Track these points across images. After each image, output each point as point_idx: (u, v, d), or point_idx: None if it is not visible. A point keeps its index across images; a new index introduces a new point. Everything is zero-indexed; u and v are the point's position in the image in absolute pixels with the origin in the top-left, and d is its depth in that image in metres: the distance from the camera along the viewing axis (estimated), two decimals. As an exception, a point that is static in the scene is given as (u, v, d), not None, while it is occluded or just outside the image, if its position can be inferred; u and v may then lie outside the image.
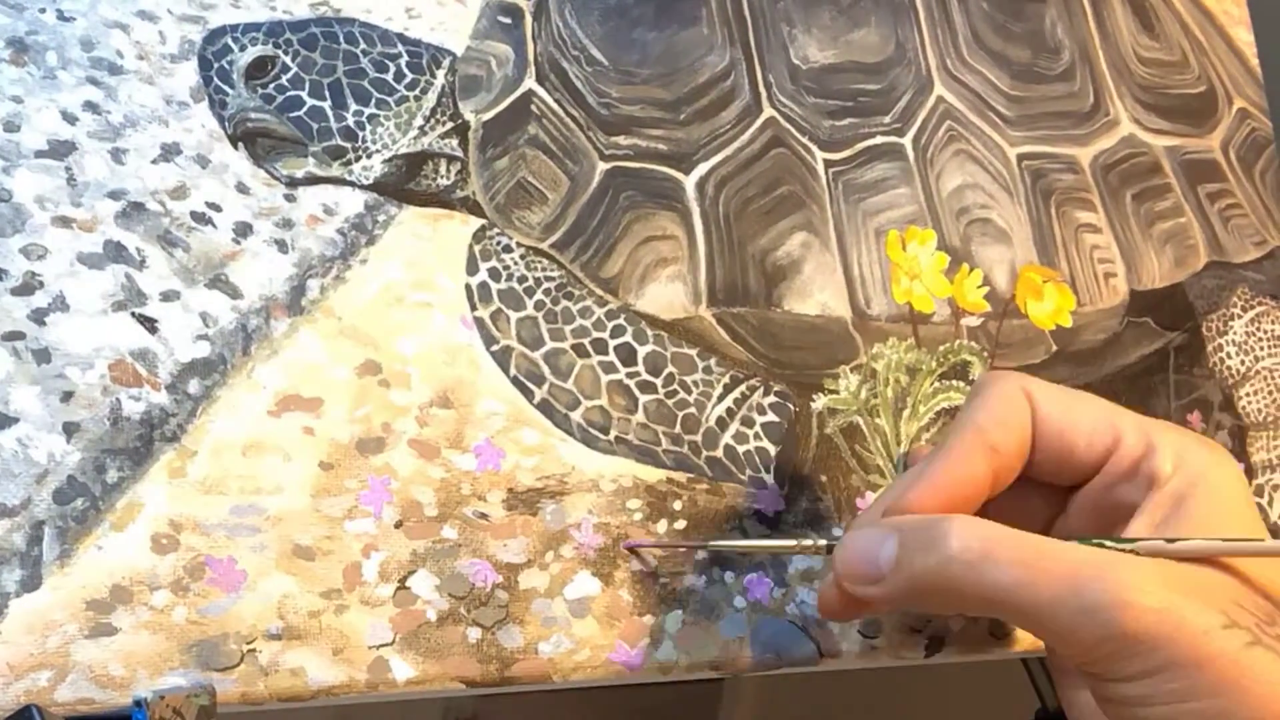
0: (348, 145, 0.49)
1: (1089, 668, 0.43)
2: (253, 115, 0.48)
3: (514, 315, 0.50)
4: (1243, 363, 0.66)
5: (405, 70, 0.51)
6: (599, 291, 0.52)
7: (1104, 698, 0.43)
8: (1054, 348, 0.60)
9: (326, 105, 0.49)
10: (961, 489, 0.45)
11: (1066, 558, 0.42)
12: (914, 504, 0.45)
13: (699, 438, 0.52)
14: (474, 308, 0.50)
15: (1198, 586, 0.41)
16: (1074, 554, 0.42)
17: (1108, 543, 0.43)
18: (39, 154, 0.44)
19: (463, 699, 0.70)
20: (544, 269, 0.51)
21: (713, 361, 0.53)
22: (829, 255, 0.57)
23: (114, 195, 0.45)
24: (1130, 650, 0.41)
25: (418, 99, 0.51)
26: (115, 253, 0.45)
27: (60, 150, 0.45)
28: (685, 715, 0.74)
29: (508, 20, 0.54)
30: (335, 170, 0.49)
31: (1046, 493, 0.48)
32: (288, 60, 0.49)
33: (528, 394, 0.50)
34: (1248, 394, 0.66)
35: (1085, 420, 0.46)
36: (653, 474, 0.51)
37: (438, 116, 0.51)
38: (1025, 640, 0.56)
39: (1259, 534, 0.44)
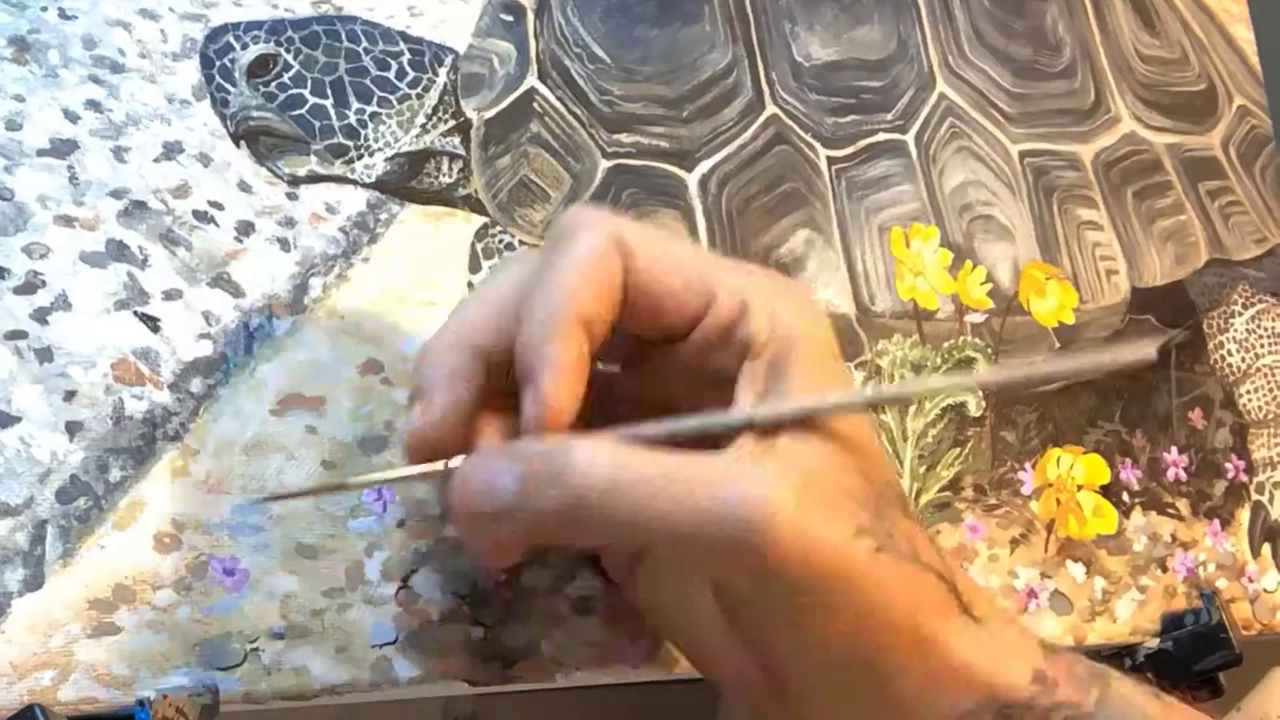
0: (350, 143, 0.49)
1: (728, 588, 0.42)
2: (255, 113, 0.48)
3: (516, 313, 0.50)
4: (1243, 360, 0.66)
5: (407, 68, 0.51)
6: (600, 290, 0.52)
7: (733, 611, 0.42)
8: (1057, 344, 0.60)
9: (328, 103, 0.49)
10: (575, 381, 0.40)
11: (706, 480, 0.39)
12: (554, 420, 0.40)
13: (701, 436, 0.52)
14: (476, 306, 0.50)
15: (821, 490, 0.40)
16: (708, 474, 0.39)
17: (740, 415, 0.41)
18: (41, 152, 0.44)
19: (464, 698, 0.70)
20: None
21: (715, 359, 0.53)
22: (832, 252, 0.56)
23: (116, 194, 0.45)
24: (772, 574, 0.39)
25: (420, 97, 0.51)
26: (117, 251, 0.45)
27: (62, 149, 0.45)
28: (686, 714, 0.74)
29: (510, 18, 0.53)
30: (337, 168, 0.49)
31: (629, 341, 0.44)
32: (290, 58, 0.49)
33: (529, 393, 0.50)
34: (1248, 391, 0.66)
35: (677, 277, 0.42)
36: (655, 472, 0.51)
37: (440, 114, 0.51)
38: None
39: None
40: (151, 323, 0.44)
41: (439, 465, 0.42)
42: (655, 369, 0.44)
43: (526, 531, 0.41)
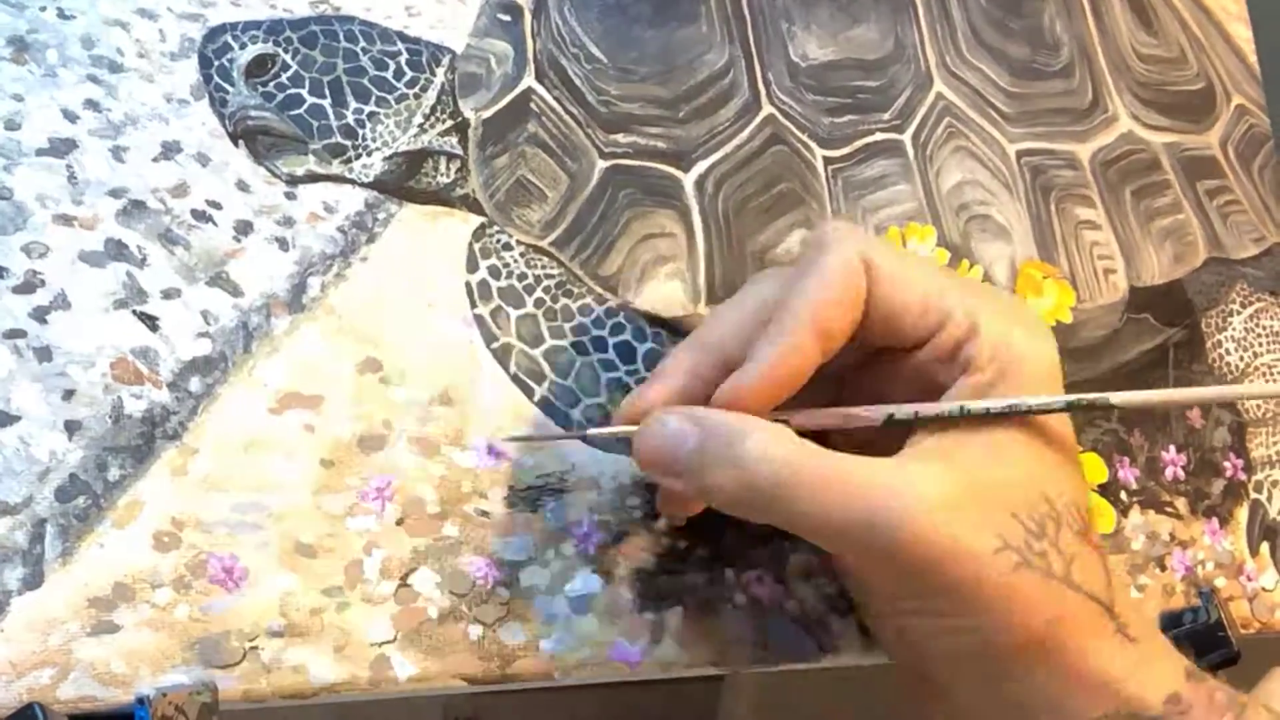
0: (348, 143, 0.49)
1: (870, 584, 0.46)
2: (253, 113, 0.48)
3: (514, 313, 0.50)
4: (1242, 359, 0.66)
5: (405, 68, 0.51)
6: (598, 289, 0.52)
7: (879, 612, 0.47)
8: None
9: (326, 103, 0.49)
10: (791, 381, 0.44)
11: (861, 483, 0.43)
12: (745, 401, 0.44)
13: (699, 435, 0.52)
14: (474, 305, 0.50)
15: (979, 500, 0.43)
16: (868, 477, 0.43)
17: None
18: (40, 152, 0.44)
19: (462, 697, 0.70)
20: (543, 267, 0.52)
21: (713, 358, 0.53)
22: (829, 252, 0.56)
23: (115, 193, 0.45)
24: (911, 575, 0.43)
25: (417, 97, 0.51)
26: (116, 250, 0.45)
27: (61, 148, 0.45)
28: (685, 713, 0.74)
29: (507, 18, 0.54)
30: (335, 168, 0.49)
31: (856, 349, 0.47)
32: (288, 58, 0.49)
33: (528, 391, 0.50)
34: (1247, 390, 0.66)
35: (916, 298, 0.45)
36: (654, 471, 0.51)
37: (437, 114, 0.51)
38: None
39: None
40: (150, 322, 0.45)
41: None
42: (881, 374, 0.47)
43: (698, 496, 0.45)
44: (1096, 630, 0.45)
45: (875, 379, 0.47)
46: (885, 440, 0.45)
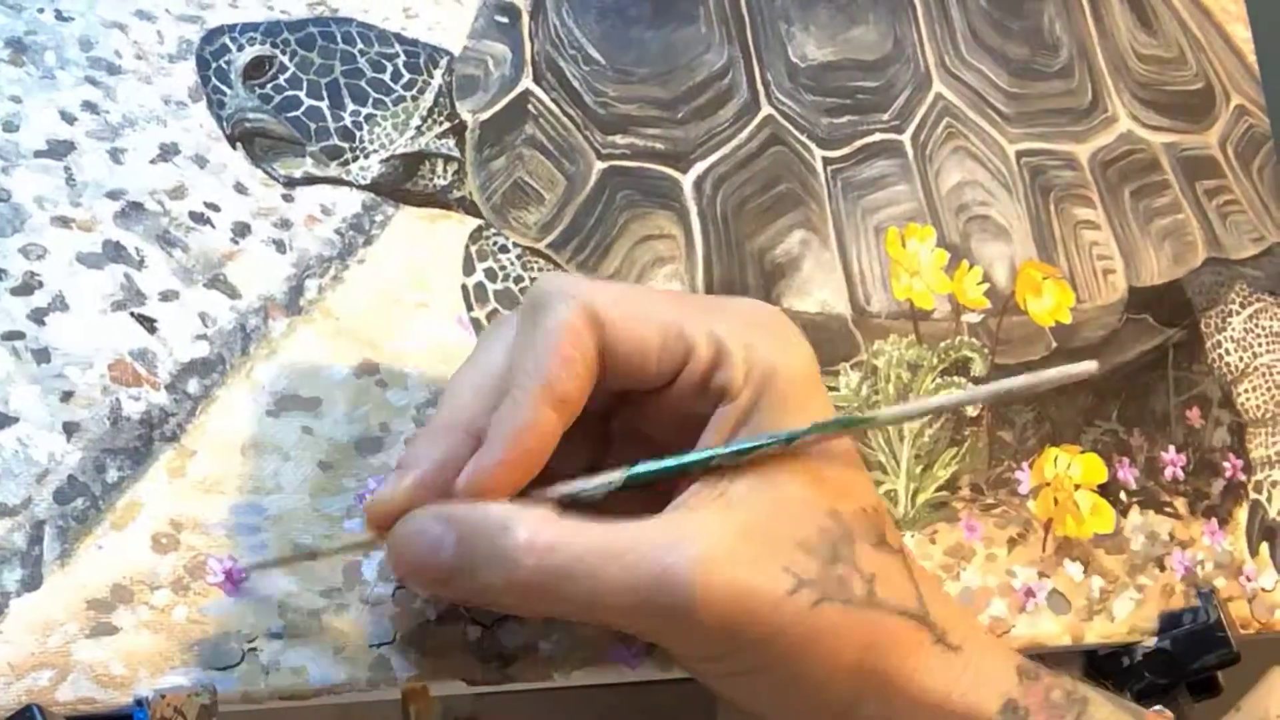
0: (345, 145, 0.49)
1: (678, 652, 0.43)
2: (250, 115, 0.48)
3: (512, 315, 0.50)
4: (1241, 359, 0.66)
5: (402, 70, 0.51)
6: (597, 291, 0.52)
7: (696, 674, 0.44)
8: (1054, 344, 0.60)
9: (324, 105, 0.49)
10: (535, 459, 0.41)
11: (636, 552, 0.39)
12: (487, 488, 0.40)
13: (698, 436, 0.52)
14: (470, 308, 0.50)
15: (763, 540, 0.40)
16: (644, 543, 0.40)
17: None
18: (38, 154, 0.45)
19: (462, 698, 0.70)
20: (540, 269, 0.51)
21: (712, 359, 0.53)
22: (828, 253, 0.57)
23: (113, 195, 0.45)
24: (712, 637, 0.40)
25: (415, 99, 0.51)
26: (114, 252, 0.45)
27: (59, 150, 0.45)
28: (685, 714, 0.74)
29: (505, 20, 0.54)
30: (333, 170, 0.49)
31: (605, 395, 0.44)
32: (285, 60, 0.49)
33: (526, 393, 0.50)
34: (1246, 390, 0.66)
35: (653, 335, 0.42)
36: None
37: (435, 116, 0.51)
38: (1022, 638, 0.56)
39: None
40: (148, 324, 0.45)
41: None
42: (643, 411, 0.45)
43: (470, 599, 0.43)
44: (914, 647, 0.42)
45: (638, 416, 0.45)
46: (664, 488, 0.43)
